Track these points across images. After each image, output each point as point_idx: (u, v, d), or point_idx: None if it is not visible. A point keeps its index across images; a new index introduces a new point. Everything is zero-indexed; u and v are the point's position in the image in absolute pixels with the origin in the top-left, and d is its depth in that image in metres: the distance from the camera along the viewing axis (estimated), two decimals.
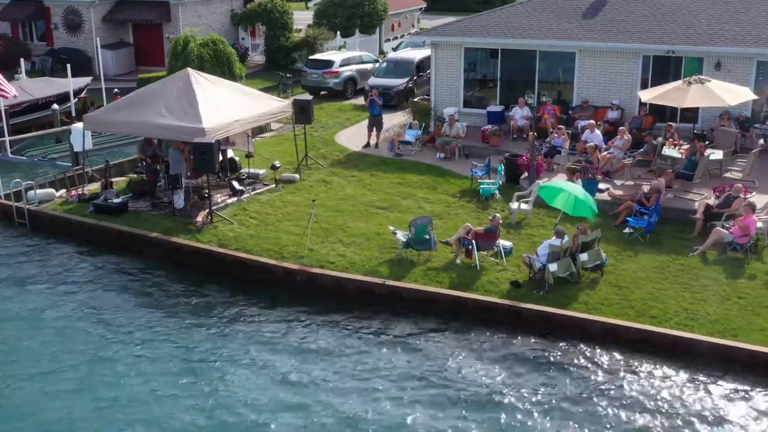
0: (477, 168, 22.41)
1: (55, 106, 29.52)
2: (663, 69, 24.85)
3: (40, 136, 28.63)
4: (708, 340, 14.54)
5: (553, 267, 16.08)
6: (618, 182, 21.62)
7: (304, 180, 23.13)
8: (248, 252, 18.51)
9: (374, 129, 26.70)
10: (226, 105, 21.15)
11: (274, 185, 22.59)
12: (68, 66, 31.03)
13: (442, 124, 26.06)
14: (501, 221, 17.91)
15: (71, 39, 40.04)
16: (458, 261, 17.54)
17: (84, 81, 32.37)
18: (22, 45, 40.26)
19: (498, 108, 26.93)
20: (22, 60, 34.12)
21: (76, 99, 31.00)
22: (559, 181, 18.73)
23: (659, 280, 16.65)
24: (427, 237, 17.68)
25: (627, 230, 18.79)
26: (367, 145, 26.70)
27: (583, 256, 16.58)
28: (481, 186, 21.49)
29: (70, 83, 30.65)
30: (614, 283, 16.55)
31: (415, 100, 30.28)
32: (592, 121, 23.91)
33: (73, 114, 30.06)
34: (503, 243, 17.79)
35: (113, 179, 23.18)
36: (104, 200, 21.07)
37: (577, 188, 17.37)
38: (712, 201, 19.56)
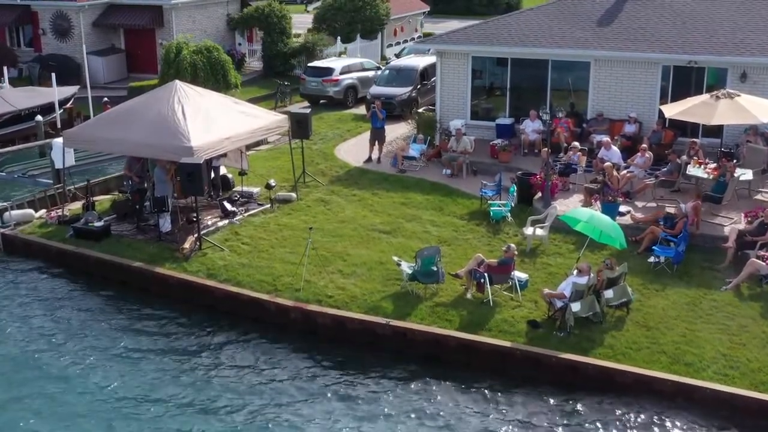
0: (487, 188, 20.82)
1: (39, 117, 27.94)
2: (684, 80, 23.20)
3: (21, 151, 26.92)
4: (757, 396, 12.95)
5: (576, 307, 14.47)
6: (639, 204, 20.03)
7: (302, 199, 21.56)
8: (239, 284, 16.96)
9: (376, 142, 25.15)
10: (216, 121, 19.59)
11: (268, 205, 21.04)
12: (53, 74, 29.41)
13: (448, 137, 24.45)
14: (516, 252, 16.25)
15: (60, 45, 38.29)
16: (469, 295, 15.95)
17: (70, 90, 30.75)
18: (8, 51, 38.51)
19: (507, 120, 25.35)
20: (5, 68, 32.47)
21: (62, 109, 29.43)
22: (584, 209, 16.94)
23: (691, 320, 15.03)
24: (435, 269, 16.09)
25: (652, 259, 17.21)
26: (369, 159, 25.13)
27: (608, 293, 15.00)
28: (492, 208, 19.90)
29: (55, 93, 29.07)
30: (642, 322, 14.94)
31: (420, 110, 28.70)
32: (608, 139, 22.25)
33: (59, 125, 28.49)
34: (518, 275, 16.17)
35: (97, 198, 21.67)
36: (85, 223, 19.52)
37: (604, 220, 15.65)
38: (743, 226, 17.99)
